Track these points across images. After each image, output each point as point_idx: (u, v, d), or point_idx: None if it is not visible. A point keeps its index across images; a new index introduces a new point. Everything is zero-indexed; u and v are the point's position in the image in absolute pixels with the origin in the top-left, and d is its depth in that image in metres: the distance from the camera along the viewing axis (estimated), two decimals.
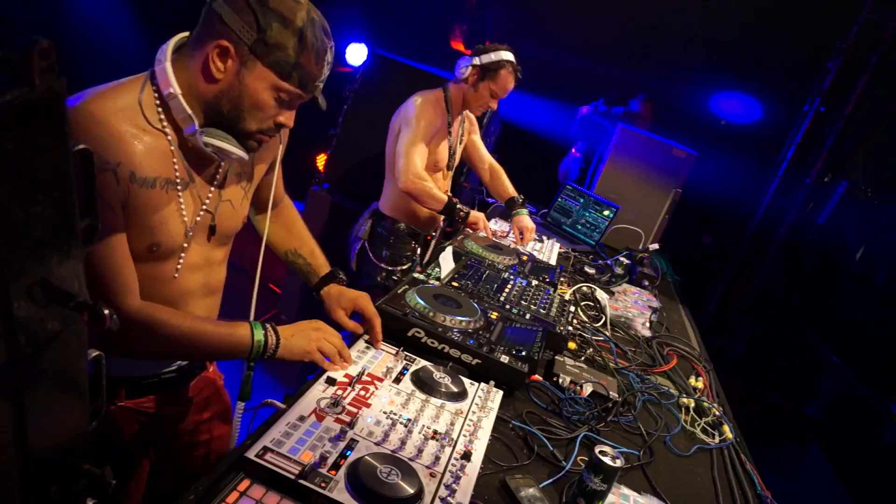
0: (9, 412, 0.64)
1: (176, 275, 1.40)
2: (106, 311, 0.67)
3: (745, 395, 4.74)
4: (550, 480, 1.34)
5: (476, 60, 2.75)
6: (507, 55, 2.74)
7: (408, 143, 2.70)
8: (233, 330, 1.36)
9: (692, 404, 1.86)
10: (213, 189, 1.40)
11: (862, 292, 5.03)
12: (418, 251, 3.03)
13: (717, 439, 1.75)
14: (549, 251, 3.05)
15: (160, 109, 1.24)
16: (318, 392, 1.32)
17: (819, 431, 4.92)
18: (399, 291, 1.85)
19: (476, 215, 2.87)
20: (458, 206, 2.81)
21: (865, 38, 5.19)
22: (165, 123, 1.25)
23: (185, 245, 1.38)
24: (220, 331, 1.35)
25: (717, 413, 1.85)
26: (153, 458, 1.67)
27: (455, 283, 2.12)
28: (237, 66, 1.21)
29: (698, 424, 1.79)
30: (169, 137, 1.26)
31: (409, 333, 1.67)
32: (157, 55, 1.25)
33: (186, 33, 1.27)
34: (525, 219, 3.08)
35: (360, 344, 1.60)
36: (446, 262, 2.30)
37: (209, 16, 1.21)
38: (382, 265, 2.95)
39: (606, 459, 1.23)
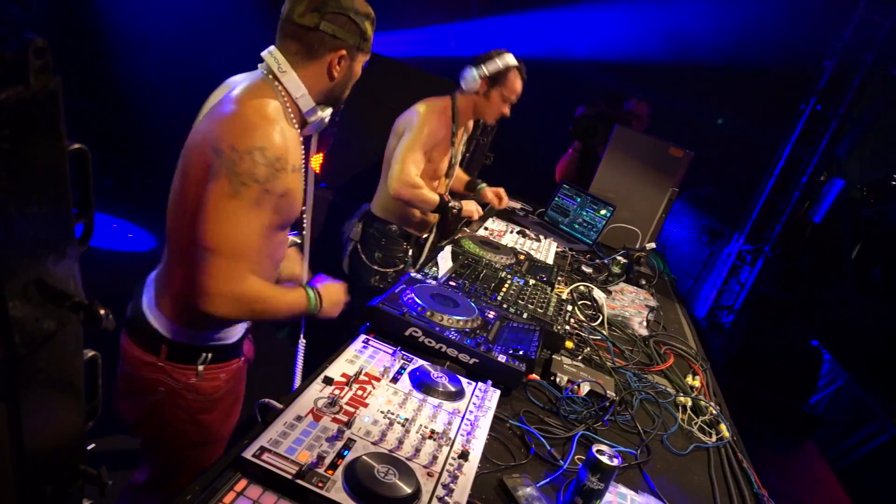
0: (4, 412, 0.63)
1: (279, 247, 1.68)
2: (102, 311, 0.67)
3: (742, 393, 4.75)
4: (548, 479, 1.34)
5: (483, 70, 2.73)
6: (511, 59, 2.75)
7: (405, 150, 2.69)
8: (299, 295, 1.66)
9: (689, 403, 1.86)
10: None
11: (858, 291, 5.05)
12: (410, 252, 3.02)
13: (714, 438, 1.75)
14: (546, 250, 3.05)
15: (289, 109, 1.55)
16: (316, 392, 1.32)
17: (816, 429, 4.93)
18: (397, 290, 1.85)
19: (468, 207, 2.88)
20: (451, 203, 2.81)
21: (861, 38, 5.20)
22: (295, 121, 1.56)
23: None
24: (292, 296, 1.65)
25: (713, 412, 1.85)
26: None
27: (452, 283, 2.12)
28: (349, 63, 1.58)
29: (695, 423, 1.79)
30: (298, 130, 1.58)
31: (407, 332, 1.67)
32: (270, 67, 1.53)
33: (275, 50, 1.54)
34: (488, 189, 3.20)
35: (358, 344, 1.60)
36: (444, 261, 2.30)
37: (321, 36, 1.51)
38: (375, 267, 2.94)
39: (604, 458, 1.23)
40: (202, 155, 1.43)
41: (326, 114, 1.64)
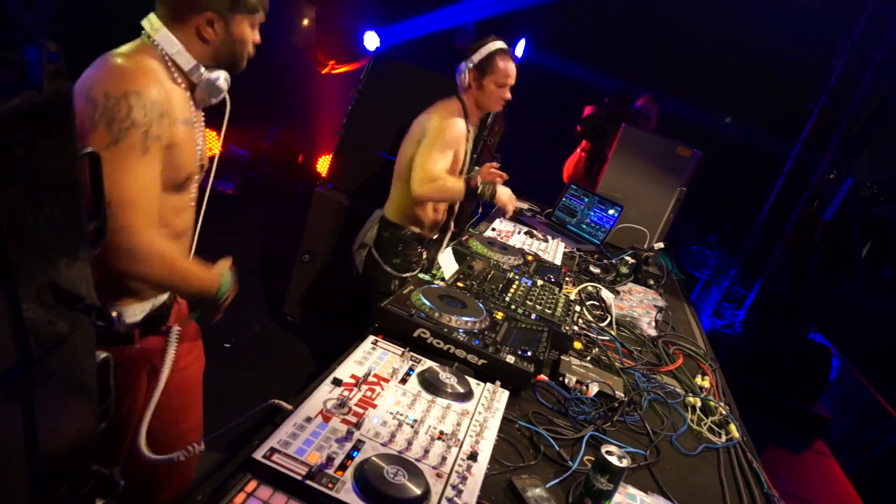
0: (19, 414, 0.64)
1: (191, 203, 1.64)
2: (114, 314, 0.67)
3: (752, 393, 4.72)
4: (557, 480, 1.34)
5: (470, 63, 2.73)
6: (495, 44, 2.72)
7: (426, 153, 2.66)
8: (211, 276, 1.59)
9: (698, 403, 1.86)
10: (199, 136, 1.64)
11: (868, 289, 5.02)
12: (424, 255, 3.01)
13: (723, 438, 1.74)
14: (553, 251, 3.05)
15: (171, 66, 1.51)
16: (325, 393, 1.32)
17: (826, 429, 4.90)
18: (404, 292, 1.85)
19: (502, 193, 2.84)
20: (480, 187, 2.77)
21: (871, 36, 5.17)
22: (180, 80, 1.52)
23: (197, 176, 1.64)
24: (203, 272, 1.59)
25: (723, 412, 1.84)
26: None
27: (460, 284, 2.12)
28: (223, 26, 1.52)
29: (705, 423, 1.78)
30: (183, 86, 1.54)
31: (415, 334, 1.67)
32: (145, 28, 1.50)
33: (152, 15, 1.51)
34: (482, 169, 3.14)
35: (366, 345, 1.60)
36: (448, 262, 2.30)
37: (184, 2, 1.47)
38: (394, 272, 2.91)
39: (613, 459, 1.23)
40: (79, 110, 1.35)
41: (216, 75, 1.56)
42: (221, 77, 1.58)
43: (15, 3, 5.12)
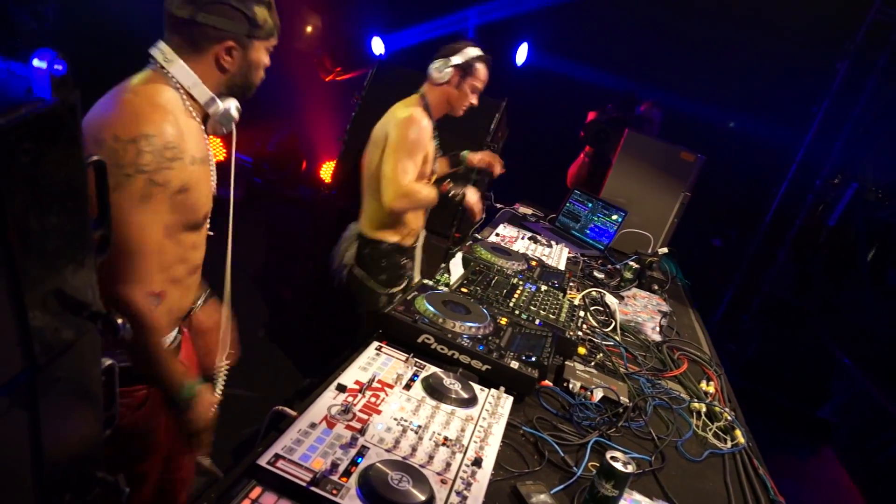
0: (24, 421, 0.64)
1: (190, 252, 1.56)
2: (119, 321, 0.68)
3: (757, 398, 4.70)
4: (562, 486, 1.33)
5: (454, 61, 2.66)
6: (476, 49, 2.70)
7: (393, 162, 2.57)
8: (180, 375, 1.50)
9: (703, 409, 1.85)
10: (212, 164, 1.60)
11: (874, 294, 4.99)
12: (408, 265, 2.93)
13: (729, 444, 1.73)
14: (557, 256, 3.04)
15: (186, 100, 1.46)
16: (329, 399, 1.32)
17: (832, 435, 4.87)
18: (408, 298, 1.85)
19: (471, 196, 2.83)
20: (451, 191, 2.75)
21: (874, 39, 5.16)
22: (193, 111, 1.48)
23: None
24: (176, 366, 1.51)
25: (728, 417, 1.83)
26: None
27: (464, 289, 2.12)
28: (241, 53, 1.49)
29: (710, 429, 1.77)
30: (198, 120, 1.50)
31: (419, 340, 1.67)
32: (158, 59, 1.44)
33: (160, 43, 1.45)
34: (473, 154, 3.12)
35: (370, 351, 1.60)
36: (455, 268, 2.30)
37: (199, 28, 1.42)
38: (382, 290, 2.82)
39: (618, 465, 1.23)
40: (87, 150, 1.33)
41: (229, 105, 1.53)
42: (233, 107, 1.55)
43: (20, 11, 5.16)
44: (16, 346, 0.59)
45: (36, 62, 0.54)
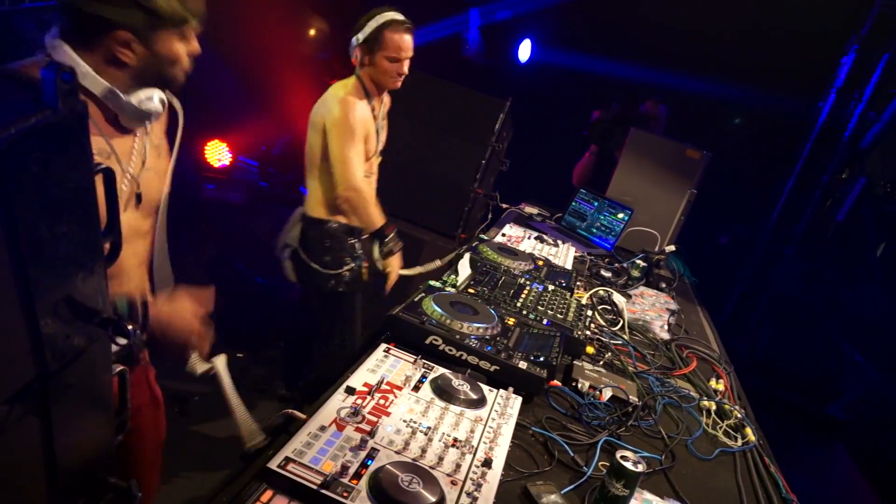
0: (37, 427, 0.65)
1: (139, 231, 1.50)
2: (129, 327, 0.68)
3: (767, 396, 4.67)
4: (572, 486, 1.33)
5: (357, 38, 2.56)
6: (384, 16, 2.52)
7: (342, 147, 2.52)
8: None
9: (713, 407, 1.84)
10: (133, 159, 1.47)
11: (884, 289, 4.96)
12: (358, 246, 2.79)
13: (739, 442, 1.73)
14: (564, 255, 3.04)
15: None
16: (338, 402, 1.33)
17: (843, 432, 4.84)
18: (416, 299, 1.86)
19: (393, 263, 2.74)
20: (388, 239, 2.68)
21: (879, 32, 5.13)
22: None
23: (131, 206, 1.47)
24: None
25: (738, 415, 1.83)
26: None
27: (471, 290, 2.12)
28: (142, 47, 1.31)
29: (720, 427, 1.77)
30: (95, 120, 1.34)
31: (427, 341, 1.67)
32: (47, 46, 1.30)
33: (55, 31, 1.31)
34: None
35: (379, 353, 1.60)
36: (463, 269, 2.30)
37: (85, 17, 1.26)
38: (327, 271, 2.73)
39: (628, 464, 1.23)
40: None
41: (147, 95, 1.38)
42: (155, 97, 1.40)
43: (25, 20, 5.19)
44: (28, 353, 0.60)
45: (44, 73, 0.55)
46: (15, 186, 0.52)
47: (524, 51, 5.68)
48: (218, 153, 5.36)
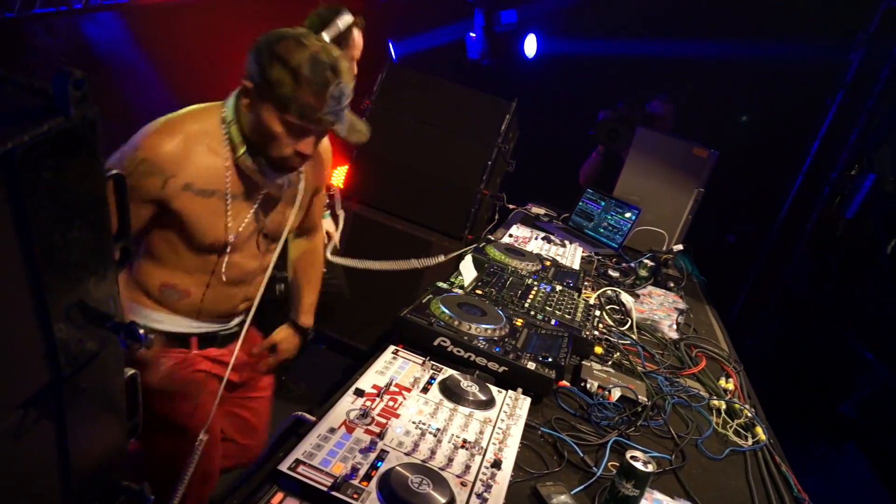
0: (51, 431, 0.65)
1: (223, 270, 1.66)
2: (141, 331, 0.69)
3: (777, 395, 4.65)
4: (582, 487, 1.33)
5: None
6: (343, 19, 2.24)
7: None
8: None
9: (723, 406, 1.84)
10: (260, 202, 1.65)
11: (894, 286, 4.92)
12: None
13: (750, 441, 1.72)
14: (571, 255, 3.04)
15: (224, 134, 1.52)
16: (347, 404, 1.33)
17: (855, 430, 4.80)
18: (424, 301, 1.86)
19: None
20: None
21: (888, 29, 5.09)
22: (226, 147, 1.53)
23: (232, 245, 1.63)
24: None
25: (749, 414, 1.82)
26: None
27: (479, 291, 2.12)
28: (254, 102, 1.47)
29: (730, 426, 1.76)
30: (226, 158, 1.53)
31: (435, 342, 1.67)
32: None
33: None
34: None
35: (387, 355, 1.61)
36: (467, 270, 2.30)
37: (247, 65, 1.46)
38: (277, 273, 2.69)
39: (638, 464, 1.22)
40: None
41: (263, 171, 1.54)
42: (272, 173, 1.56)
43: (34, 26, 5.23)
44: (42, 358, 0.61)
45: (56, 81, 0.55)
46: (29, 193, 0.53)
47: (530, 46, 5.64)
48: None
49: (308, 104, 1.42)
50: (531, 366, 1.63)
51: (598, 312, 2.27)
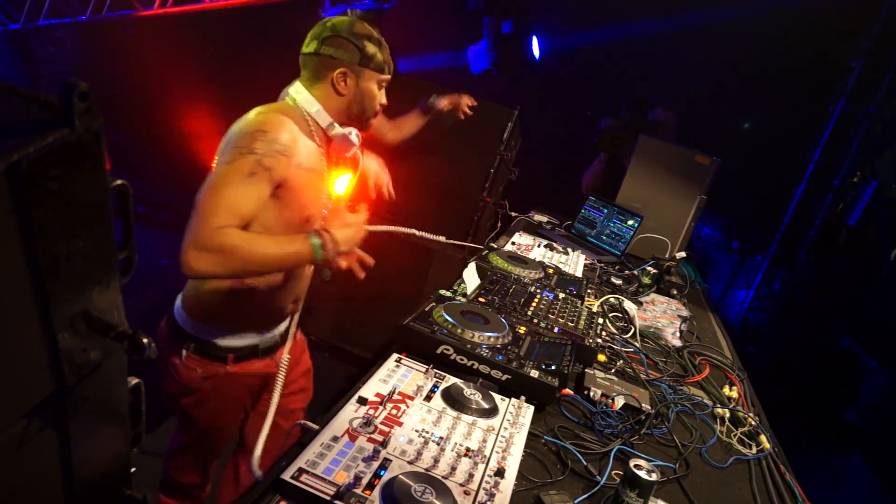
0: (55, 441, 0.66)
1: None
2: (145, 340, 0.69)
3: (781, 403, 4.63)
4: (585, 496, 1.32)
5: None
6: None
7: None
8: (299, 244, 1.62)
9: (727, 414, 1.83)
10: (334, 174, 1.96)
11: None
12: None
13: (754, 450, 1.71)
14: (574, 263, 3.04)
15: (310, 124, 1.80)
16: (351, 412, 1.33)
17: (860, 438, 4.78)
18: (426, 309, 1.86)
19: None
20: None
21: (889, 36, 5.11)
22: (317, 135, 1.82)
23: (324, 215, 1.84)
24: (289, 246, 1.62)
25: (753, 423, 1.81)
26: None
27: (482, 299, 2.12)
28: (355, 80, 1.81)
29: (734, 435, 1.75)
30: (318, 141, 1.82)
31: (438, 351, 1.67)
32: (290, 93, 1.81)
33: (296, 82, 1.83)
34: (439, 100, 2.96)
35: (390, 363, 1.61)
36: (470, 277, 2.30)
37: (320, 58, 1.79)
38: None
39: (642, 473, 1.22)
40: (218, 149, 1.65)
41: (348, 130, 1.85)
42: (353, 132, 1.86)
43: (39, 37, 5.28)
44: (46, 367, 0.61)
45: (61, 93, 0.56)
46: (34, 204, 0.53)
47: (534, 47, 5.62)
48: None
49: (389, 60, 1.87)
50: (534, 374, 1.62)
51: (600, 320, 2.27)
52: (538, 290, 2.34)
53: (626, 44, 5.56)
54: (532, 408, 1.55)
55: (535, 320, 2.05)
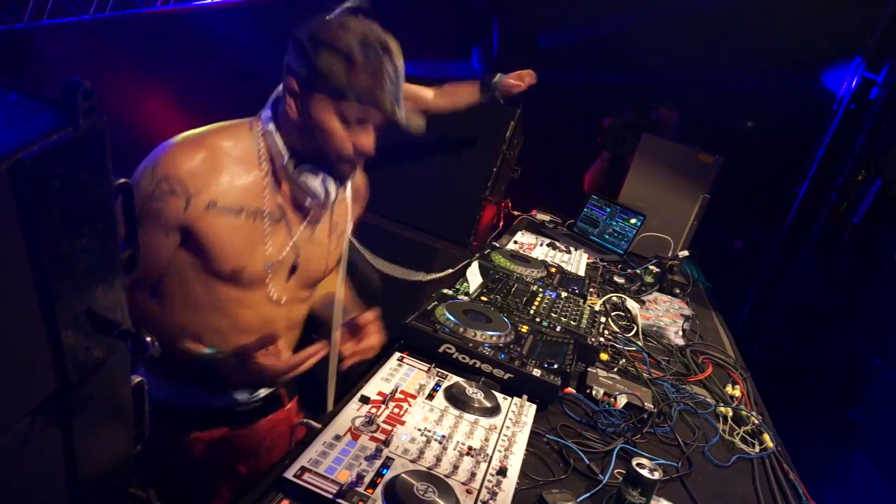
0: (58, 439, 0.66)
1: (270, 302, 1.51)
2: (148, 339, 0.69)
3: (785, 401, 4.62)
4: (588, 494, 1.32)
5: None
6: None
7: None
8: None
9: (730, 413, 1.83)
10: (303, 229, 1.49)
11: None
12: None
13: (757, 448, 1.71)
14: (577, 262, 3.03)
15: (262, 146, 1.38)
16: (353, 411, 1.33)
17: (864, 437, 4.77)
18: (429, 308, 1.86)
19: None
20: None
21: (893, 33, 5.09)
22: (264, 159, 1.38)
23: (269, 276, 1.46)
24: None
25: (756, 421, 1.81)
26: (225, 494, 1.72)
27: (484, 298, 2.12)
28: (304, 101, 1.32)
29: (737, 434, 1.75)
30: (264, 171, 1.38)
31: (440, 349, 1.67)
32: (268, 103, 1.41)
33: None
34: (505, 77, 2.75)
35: (392, 362, 1.61)
36: (473, 276, 2.30)
37: (285, 64, 1.34)
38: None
39: (644, 472, 1.22)
40: None
41: (312, 177, 1.37)
42: (317, 182, 1.37)
43: (42, 36, 5.29)
44: (50, 365, 0.61)
45: (65, 92, 0.56)
46: (38, 202, 0.53)
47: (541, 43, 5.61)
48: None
49: (367, 88, 1.30)
50: (536, 373, 1.62)
51: (603, 319, 2.27)
52: (540, 289, 2.34)
53: (629, 41, 5.56)
54: (534, 407, 1.55)
55: (538, 319, 2.05)
